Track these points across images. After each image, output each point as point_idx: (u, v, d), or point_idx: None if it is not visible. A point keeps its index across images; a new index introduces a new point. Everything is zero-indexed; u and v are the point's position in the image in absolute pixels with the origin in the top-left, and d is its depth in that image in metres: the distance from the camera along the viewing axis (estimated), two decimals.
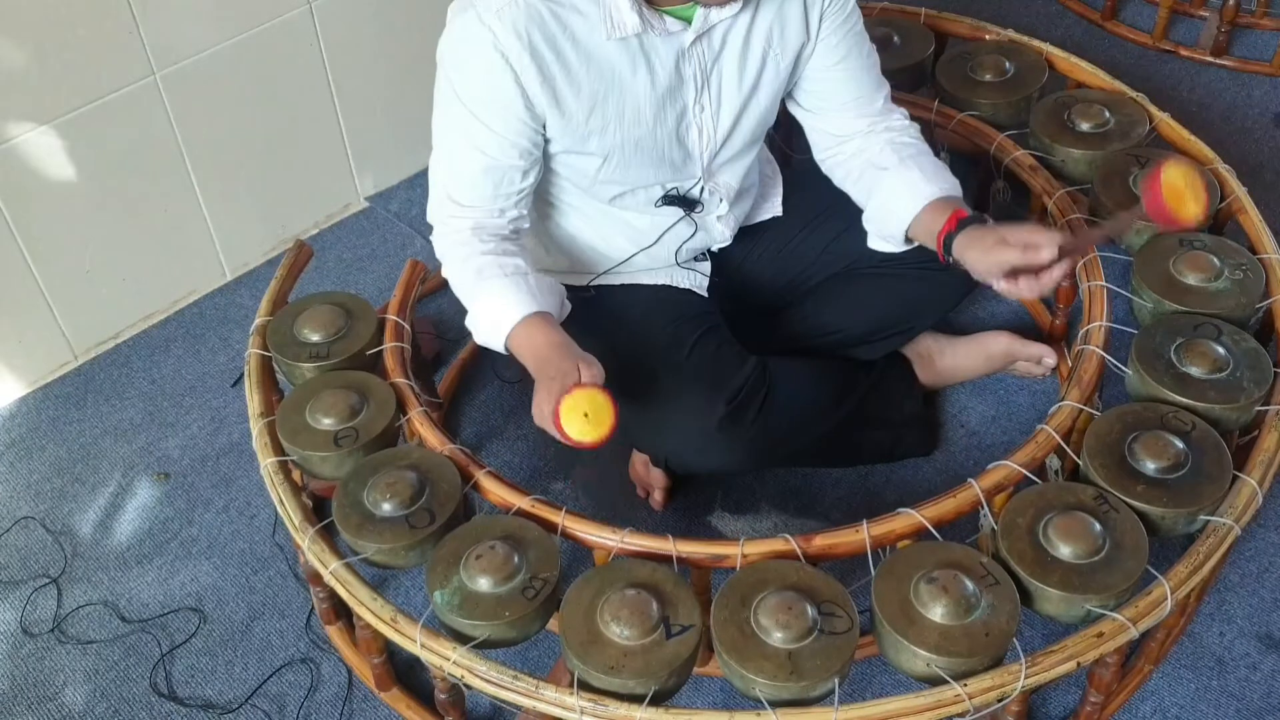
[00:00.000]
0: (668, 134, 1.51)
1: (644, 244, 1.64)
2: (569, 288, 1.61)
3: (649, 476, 1.76)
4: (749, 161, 1.65)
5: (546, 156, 1.51)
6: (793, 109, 1.67)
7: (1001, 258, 1.41)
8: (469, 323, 1.50)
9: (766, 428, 1.57)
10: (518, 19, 1.37)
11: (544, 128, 1.46)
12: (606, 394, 1.24)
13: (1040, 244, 1.38)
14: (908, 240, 1.62)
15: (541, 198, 1.60)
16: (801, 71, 1.58)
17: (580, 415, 1.23)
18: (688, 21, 1.43)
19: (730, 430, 1.54)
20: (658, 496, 1.77)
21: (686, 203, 1.60)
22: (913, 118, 1.67)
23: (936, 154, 1.64)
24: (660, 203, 1.59)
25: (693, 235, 1.65)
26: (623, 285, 1.68)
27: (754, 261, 1.77)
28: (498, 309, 1.44)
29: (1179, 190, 1.23)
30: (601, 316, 1.59)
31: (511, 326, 1.43)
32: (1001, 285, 1.43)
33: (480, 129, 1.44)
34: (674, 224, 1.62)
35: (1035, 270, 1.40)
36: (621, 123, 1.47)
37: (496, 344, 1.47)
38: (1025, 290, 1.41)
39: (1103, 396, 1.59)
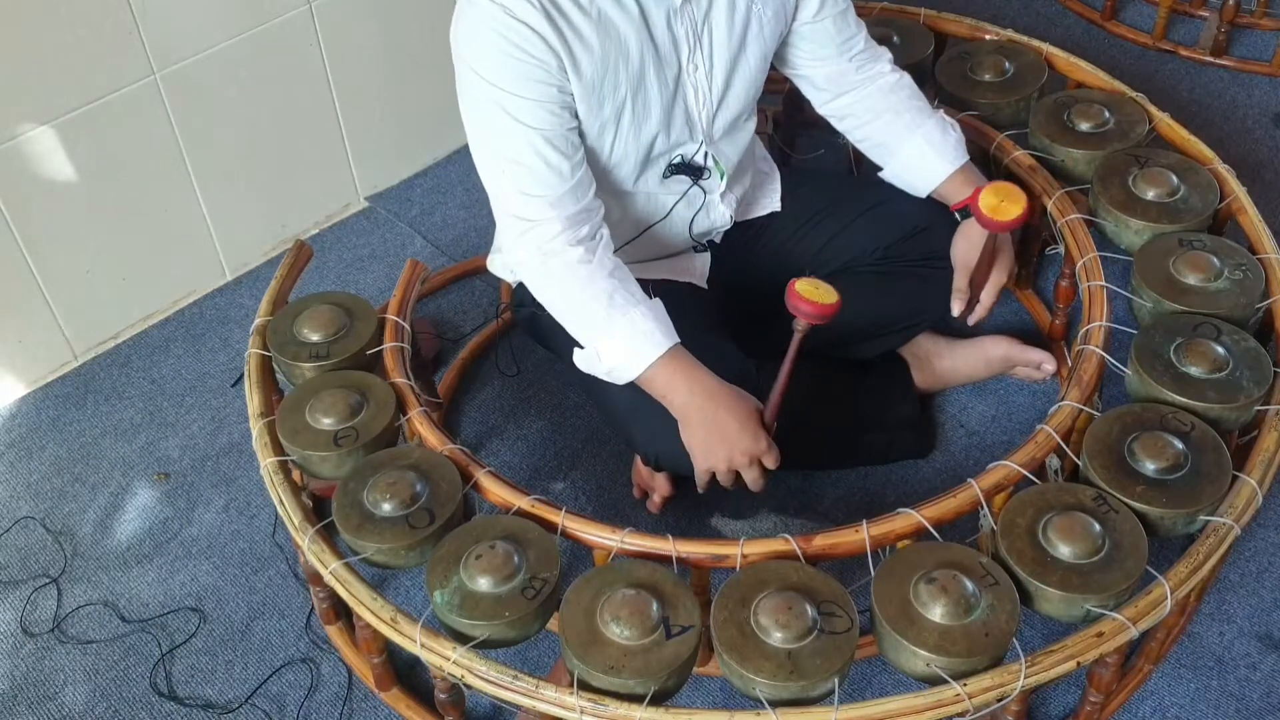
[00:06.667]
0: (668, 94, 1.54)
1: (654, 220, 1.67)
2: None
3: (650, 480, 1.76)
4: (747, 137, 1.70)
5: None
6: (785, 71, 1.74)
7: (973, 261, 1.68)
8: (584, 357, 1.50)
9: None
10: None
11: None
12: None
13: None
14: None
15: None
16: (787, 27, 1.64)
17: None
18: None
19: None
20: (656, 500, 1.76)
21: (693, 169, 1.63)
22: None
23: None
24: (669, 172, 1.62)
25: (701, 207, 1.68)
26: None
27: (754, 258, 1.78)
28: (640, 337, 1.46)
29: (995, 205, 1.55)
30: None
31: (652, 361, 1.46)
32: (961, 281, 1.71)
33: (523, 105, 1.44)
34: (684, 193, 1.65)
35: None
36: (630, 83, 1.50)
37: (627, 375, 1.48)
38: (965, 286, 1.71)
39: (1103, 397, 1.59)
